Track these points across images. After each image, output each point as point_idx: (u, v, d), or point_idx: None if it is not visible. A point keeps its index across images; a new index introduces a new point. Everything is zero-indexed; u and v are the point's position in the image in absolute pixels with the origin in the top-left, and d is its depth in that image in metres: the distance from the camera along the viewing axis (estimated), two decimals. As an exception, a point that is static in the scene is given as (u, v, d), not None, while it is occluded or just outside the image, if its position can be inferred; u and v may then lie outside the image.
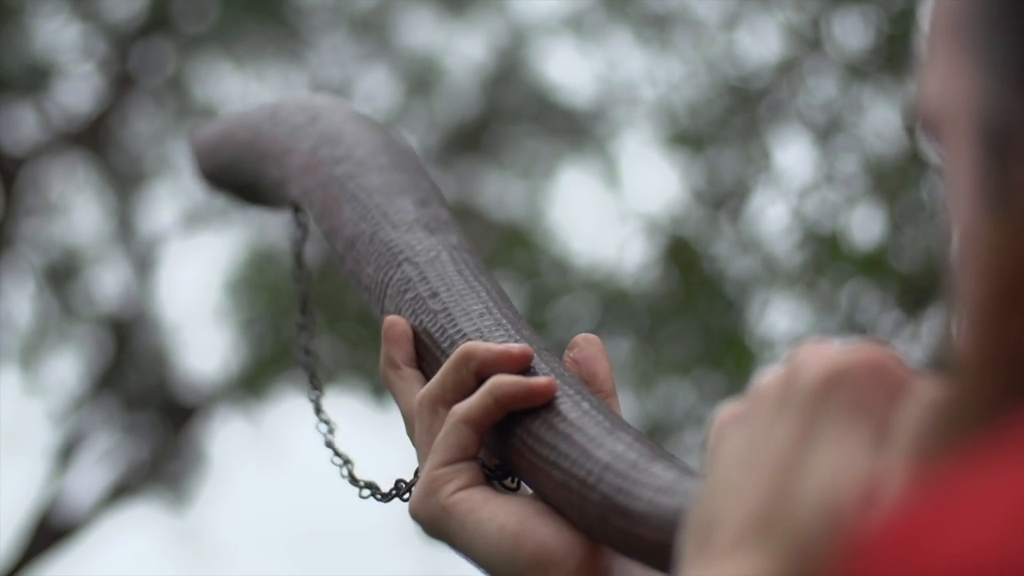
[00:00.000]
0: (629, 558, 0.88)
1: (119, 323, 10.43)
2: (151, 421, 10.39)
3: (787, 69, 8.18)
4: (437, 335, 0.99)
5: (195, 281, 11.07)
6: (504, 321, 0.98)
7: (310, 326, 1.18)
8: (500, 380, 0.93)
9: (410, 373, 0.99)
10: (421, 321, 1.00)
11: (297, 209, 1.17)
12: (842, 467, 0.58)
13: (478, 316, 0.98)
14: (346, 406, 8.93)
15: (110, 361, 10.42)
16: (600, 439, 0.89)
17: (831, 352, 0.62)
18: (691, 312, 7.83)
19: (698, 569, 0.60)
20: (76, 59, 9.94)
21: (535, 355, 0.96)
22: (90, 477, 10.32)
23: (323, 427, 1.12)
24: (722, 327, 7.79)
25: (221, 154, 1.24)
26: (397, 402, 1.00)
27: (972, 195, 0.56)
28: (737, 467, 0.61)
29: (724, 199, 8.13)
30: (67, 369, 10.53)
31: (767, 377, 0.65)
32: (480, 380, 0.94)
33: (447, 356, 0.97)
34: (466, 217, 9.88)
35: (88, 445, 10.38)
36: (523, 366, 0.94)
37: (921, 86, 0.60)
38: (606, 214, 9.88)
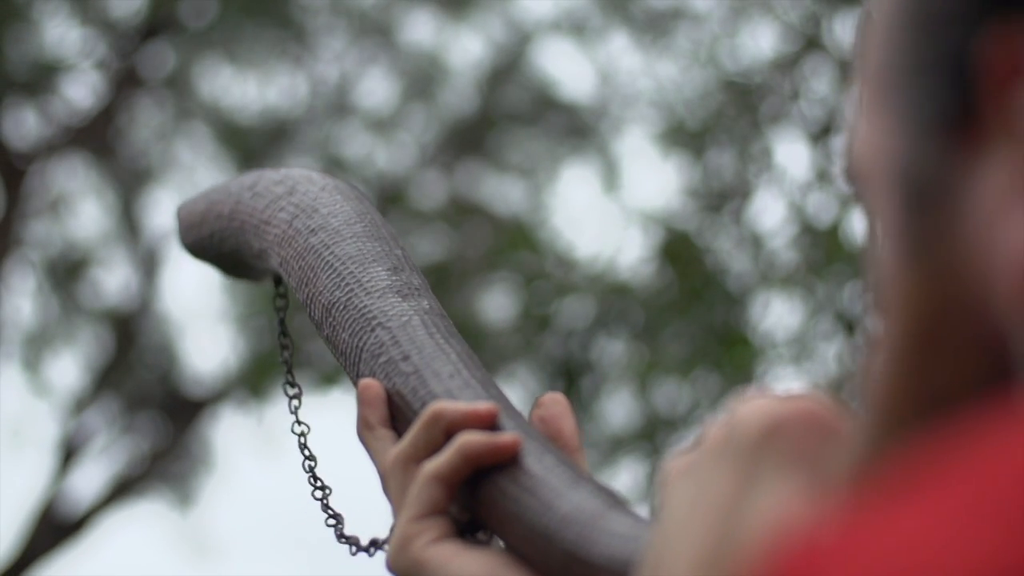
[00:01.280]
0: None
1: (123, 321, 10.45)
2: (155, 418, 10.42)
3: (787, 67, 8.20)
4: (409, 396, 1.03)
5: (200, 278, 11.08)
6: (472, 381, 1.02)
7: (300, 396, 1.23)
8: (467, 438, 0.97)
9: (384, 433, 1.03)
10: (394, 383, 1.04)
11: (279, 279, 1.22)
12: (778, 512, 0.61)
13: (448, 377, 1.02)
14: (347, 405, 8.94)
15: (115, 358, 10.44)
16: (562, 492, 0.94)
17: (768, 405, 0.66)
18: (690, 309, 7.85)
19: None
20: (81, 59, 9.96)
21: (502, 413, 0.99)
22: (94, 473, 10.35)
23: (318, 494, 1.18)
24: (722, 324, 7.81)
25: (204, 226, 1.27)
26: (373, 461, 1.04)
27: (892, 244, 0.59)
28: (684, 515, 0.64)
29: (724, 197, 8.15)
30: (72, 366, 10.56)
31: (711, 430, 0.68)
32: (449, 438, 0.99)
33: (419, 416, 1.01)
34: (467, 215, 9.91)
35: (92, 442, 10.41)
36: (489, 423, 0.99)
37: (850, 135, 0.63)
38: (606, 212, 9.90)
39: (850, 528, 0.50)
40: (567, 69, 10.35)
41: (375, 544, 1.11)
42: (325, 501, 1.17)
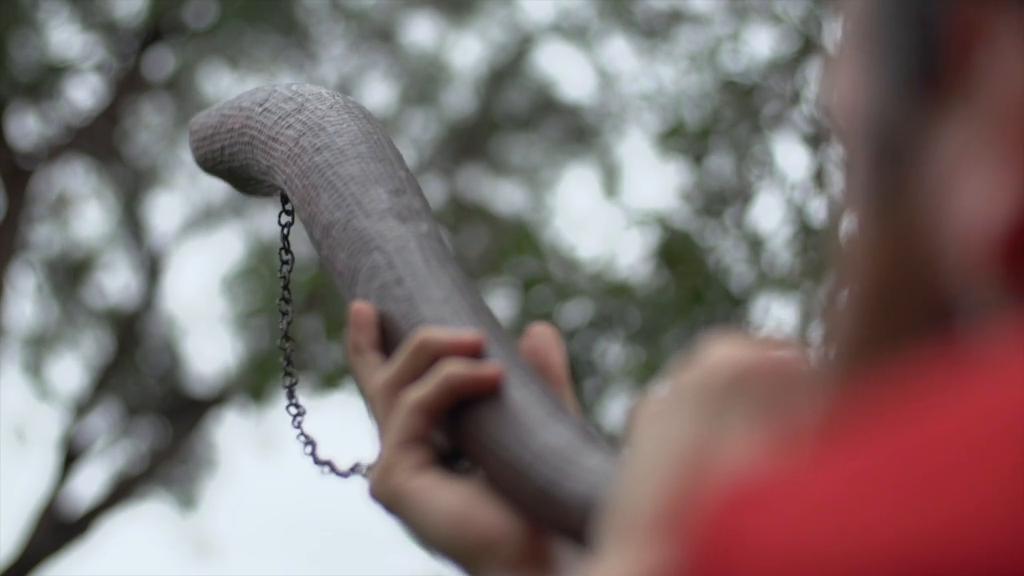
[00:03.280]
0: (564, 541, 0.93)
1: (125, 322, 10.47)
2: (156, 420, 10.43)
3: (787, 69, 8.21)
4: (400, 321, 1.02)
5: (201, 281, 11.10)
6: (464, 308, 1.02)
7: (291, 312, 1.22)
8: (450, 368, 0.97)
9: (373, 358, 1.02)
10: (387, 307, 1.04)
11: (285, 196, 1.21)
12: (740, 458, 0.62)
13: (439, 303, 1.02)
14: (350, 408, 8.97)
15: (116, 360, 10.46)
16: (538, 428, 0.94)
17: (738, 351, 0.67)
18: (691, 310, 7.86)
19: (612, 555, 0.64)
20: (83, 62, 9.98)
21: (489, 342, 0.99)
22: (96, 474, 10.37)
23: (292, 410, 1.17)
24: (722, 325, 7.82)
25: (215, 140, 1.27)
26: (361, 386, 1.03)
27: (859, 197, 0.60)
28: (653, 460, 0.65)
29: (724, 199, 8.16)
30: (74, 368, 10.58)
31: (683, 375, 0.68)
32: (434, 366, 0.99)
33: None
34: (467, 216, 9.92)
35: (94, 443, 10.42)
36: (475, 352, 0.98)
37: (829, 88, 0.63)
38: (607, 214, 9.92)
39: (784, 477, 0.51)
40: (567, 72, 10.38)
41: (355, 469, 1.11)
42: (299, 422, 1.16)
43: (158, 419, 10.41)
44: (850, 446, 0.50)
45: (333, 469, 1.12)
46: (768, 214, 8.17)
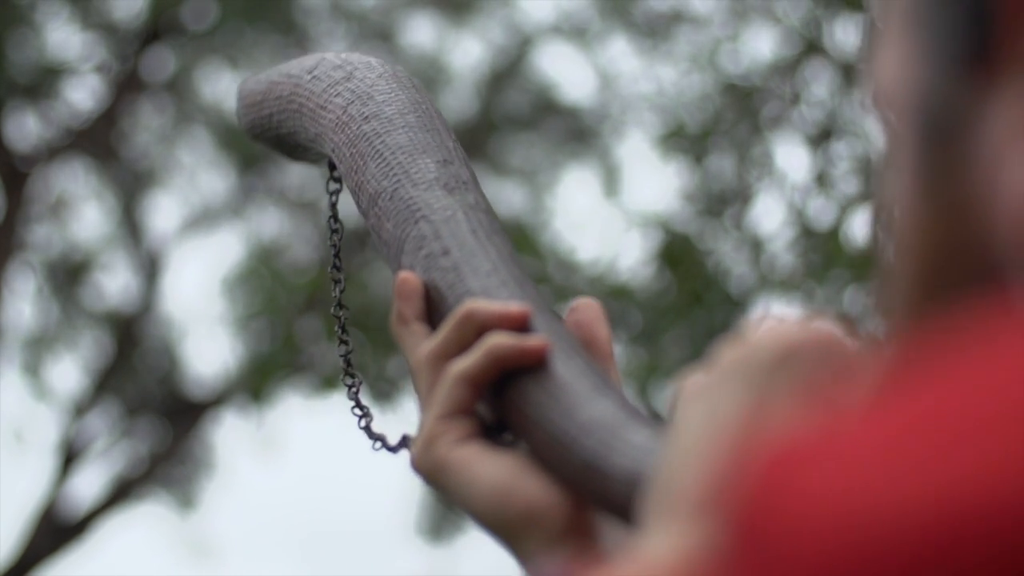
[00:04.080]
0: (608, 515, 0.92)
1: (124, 324, 10.46)
2: (156, 421, 10.42)
3: (787, 71, 8.21)
4: (446, 291, 1.02)
5: (200, 282, 11.10)
6: (510, 280, 1.01)
7: (343, 280, 1.21)
8: (496, 340, 0.96)
9: (418, 328, 1.01)
10: (432, 277, 1.03)
11: (333, 164, 1.20)
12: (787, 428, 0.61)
13: (486, 274, 1.01)
14: (347, 409, 8.94)
15: (115, 362, 10.45)
16: (584, 401, 0.93)
17: (785, 330, 0.67)
18: (691, 312, 7.86)
19: (658, 533, 0.63)
20: (82, 63, 9.97)
21: (535, 315, 0.98)
22: (94, 476, 10.36)
23: (348, 380, 1.15)
24: (722, 327, 7.82)
25: (264, 106, 1.26)
26: (405, 357, 1.02)
27: (908, 175, 0.60)
28: (695, 434, 0.65)
29: (724, 200, 8.16)
30: (73, 369, 10.57)
31: (727, 350, 0.68)
32: (480, 337, 0.98)
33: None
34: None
35: (93, 444, 10.41)
36: (521, 325, 0.97)
37: (874, 68, 0.63)
38: (607, 215, 9.92)
39: (826, 433, 0.51)
40: (568, 73, 10.36)
41: (404, 443, 1.09)
42: (355, 391, 1.15)
43: (157, 421, 10.40)
44: (894, 402, 0.50)
45: (384, 443, 1.11)
46: (768, 216, 8.17)
